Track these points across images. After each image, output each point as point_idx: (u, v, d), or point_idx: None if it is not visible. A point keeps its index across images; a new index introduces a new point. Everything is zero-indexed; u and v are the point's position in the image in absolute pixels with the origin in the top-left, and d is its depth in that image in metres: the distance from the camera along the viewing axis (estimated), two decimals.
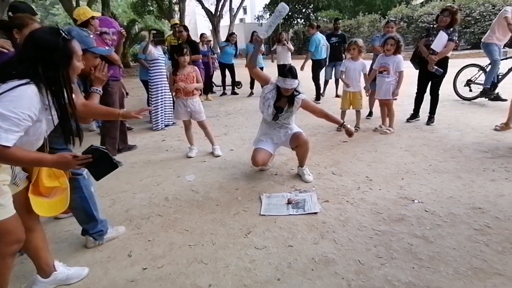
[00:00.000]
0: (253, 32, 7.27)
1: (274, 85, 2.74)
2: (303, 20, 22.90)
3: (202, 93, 6.48)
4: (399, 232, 2.00)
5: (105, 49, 2.71)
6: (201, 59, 6.98)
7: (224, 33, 19.79)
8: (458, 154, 3.21)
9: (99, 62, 1.99)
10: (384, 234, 1.99)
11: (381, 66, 4.01)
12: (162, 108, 4.95)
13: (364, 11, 18.90)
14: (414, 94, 4.44)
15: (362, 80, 4.23)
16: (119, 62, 3.60)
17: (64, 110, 1.34)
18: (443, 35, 3.89)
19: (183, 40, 5.47)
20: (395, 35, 4.10)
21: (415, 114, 4.49)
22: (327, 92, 6.95)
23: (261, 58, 7.09)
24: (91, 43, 2.02)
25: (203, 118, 3.61)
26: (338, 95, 6.26)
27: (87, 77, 2.01)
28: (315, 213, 2.27)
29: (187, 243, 2.02)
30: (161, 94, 4.86)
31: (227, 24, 22.44)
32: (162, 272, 1.77)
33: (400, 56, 3.93)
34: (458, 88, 5.60)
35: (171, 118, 5.05)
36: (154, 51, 4.81)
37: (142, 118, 1.91)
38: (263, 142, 2.89)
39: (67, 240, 2.13)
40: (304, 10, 24.13)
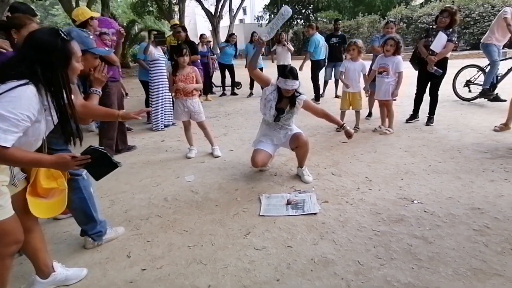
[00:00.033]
0: (253, 33, 7.29)
1: (275, 86, 2.74)
2: (303, 21, 22.92)
3: (202, 94, 6.48)
4: (399, 233, 2.00)
5: (105, 50, 2.71)
6: (201, 60, 7.03)
7: (224, 34, 19.83)
8: (458, 155, 3.21)
9: (99, 63, 1.99)
10: (384, 235, 1.99)
11: (381, 67, 4.01)
12: (162, 109, 4.96)
13: (364, 12, 18.93)
14: (414, 95, 4.45)
15: (362, 81, 4.23)
16: (118, 63, 3.60)
17: (64, 111, 1.34)
18: (443, 36, 3.90)
19: (181, 41, 5.47)
20: (395, 36, 4.10)
21: (415, 115, 4.49)
22: (327, 93, 6.95)
23: (261, 59, 7.08)
24: (91, 44, 2.02)
25: (203, 119, 3.61)
26: (338, 96, 6.26)
27: (87, 78, 2.01)
28: (315, 214, 2.27)
29: (186, 244, 2.02)
30: (162, 95, 4.86)
31: (227, 25, 22.46)
32: (161, 273, 1.77)
33: (400, 57, 3.93)
34: (458, 89, 5.61)
35: (171, 119, 5.06)
36: (155, 52, 4.82)
37: (141, 119, 1.91)
38: (263, 143, 2.89)
39: (66, 241, 2.13)
40: (304, 11, 24.16)
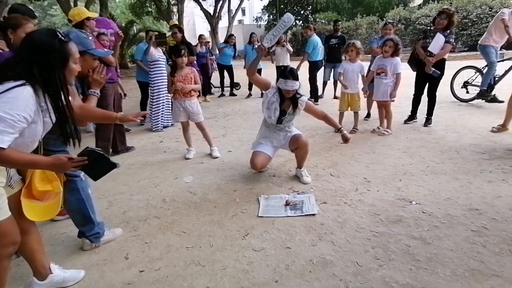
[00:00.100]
0: (252, 34, 7.30)
1: (276, 88, 2.74)
2: (302, 22, 22.96)
3: (200, 95, 6.48)
4: (397, 234, 2.00)
5: (104, 51, 2.70)
6: (200, 60, 7.02)
7: (223, 35, 19.85)
8: (456, 156, 3.22)
9: (98, 65, 1.98)
10: (382, 236, 1.99)
11: (379, 68, 4.02)
12: (163, 109, 4.95)
13: (362, 13, 18.95)
14: (412, 96, 4.45)
15: (360, 82, 4.24)
16: (115, 64, 3.59)
17: (62, 112, 1.34)
18: (440, 37, 3.91)
19: (178, 41, 5.46)
20: (395, 37, 4.11)
21: (413, 116, 4.50)
22: (325, 94, 6.96)
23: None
24: (90, 45, 2.02)
25: (201, 120, 3.61)
26: (336, 97, 6.26)
27: (85, 79, 2.01)
28: (313, 215, 2.27)
29: (185, 245, 2.01)
30: (163, 95, 4.86)
31: (226, 26, 22.49)
32: (159, 275, 1.76)
33: (398, 58, 3.94)
34: (455, 90, 5.62)
35: (170, 120, 5.05)
36: (155, 53, 4.82)
37: (139, 122, 1.91)
38: (263, 145, 2.88)
39: (64, 243, 2.11)
40: (303, 12, 24.21)
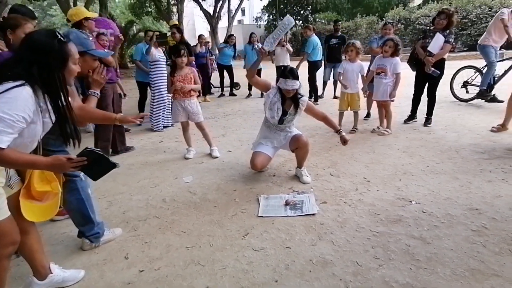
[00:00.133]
0: (251, 34, 7.30)
1: (276, 88, 2.74)
2: (301, 22, 22.97)
3: (200, 95, 6.47)
4: (397, 233, 2.00)
5: (104, 52, 2.70)
6: (200, 60, 7.02)
7: (222, 35, 19.85)
8: (455, 155, 3.22)
9: (98, 65, 1.98)
10: (382, 235, 1.99)
11: (379, 68, 4.02)
12: (164, 109, 4.95)
13: (362, 13, 18.97)
14: (412, 96, 4.46)
15: (360, 82, 4.24)
16: (113, 64, 3.59)
17: (61, 112, 1.34)
18: (440, 37, 3.91)
19: (177, 41, 5.46)
20: (395, 38, 4.11)
21: (413, 116, 4.51)
22: (325, 94, 6.96)
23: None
24: (90, 46, 2.02)
25: (201, 120, 3.61)
26: (336, 97, 6.26)
27: (85, 80, 2.01)
28: (313, 215, 2.27)
29: (184, 245, 2.01)
30: (163, 95, 4.86)
31: (225, 26, 22.49)
32: (159, 274, 1.76)
33: (398, 58, 3.94)
34: (455, 90, 5.63)
35: (170, 119, 5.05)
36: (155, 53, 4.82)
37: (139, 123, 1.91)
38: (263, 146, 2.88)
39: (63, 242, 2.11)
40: (302, 12, 24.21)
